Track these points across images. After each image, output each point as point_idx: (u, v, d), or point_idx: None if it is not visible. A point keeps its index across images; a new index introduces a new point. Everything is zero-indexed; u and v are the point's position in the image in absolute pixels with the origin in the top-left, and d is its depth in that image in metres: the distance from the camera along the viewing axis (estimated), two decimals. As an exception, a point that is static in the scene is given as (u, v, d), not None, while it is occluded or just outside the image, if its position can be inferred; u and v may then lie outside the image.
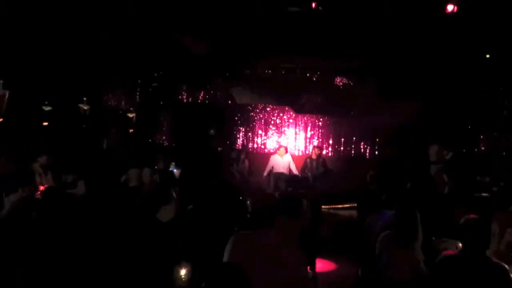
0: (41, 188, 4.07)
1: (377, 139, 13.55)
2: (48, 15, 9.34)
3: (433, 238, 4.25)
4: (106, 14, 9.87)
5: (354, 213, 9.72)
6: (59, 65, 10.70)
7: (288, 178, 10.27)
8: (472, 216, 3.17)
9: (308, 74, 13.75)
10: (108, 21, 10.12)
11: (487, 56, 11.40)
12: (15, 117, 10.04)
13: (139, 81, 13.53)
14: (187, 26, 10.90)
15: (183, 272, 2.75)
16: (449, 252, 3.26)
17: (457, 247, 3.30)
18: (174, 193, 4.46)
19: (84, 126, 12.06)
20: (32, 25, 9.35)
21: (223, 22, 10.66)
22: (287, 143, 13.73)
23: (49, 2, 9.21)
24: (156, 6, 9.98)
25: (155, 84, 13.90)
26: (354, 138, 13.79)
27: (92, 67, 11.29)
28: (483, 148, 12.32)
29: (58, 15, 9.45)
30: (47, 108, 11.68)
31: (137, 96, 13.91)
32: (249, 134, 14.31)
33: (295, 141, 13.92)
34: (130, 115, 13.24)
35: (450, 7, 9.28)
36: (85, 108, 12.07)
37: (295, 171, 10.71)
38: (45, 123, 11.75)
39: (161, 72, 13.61)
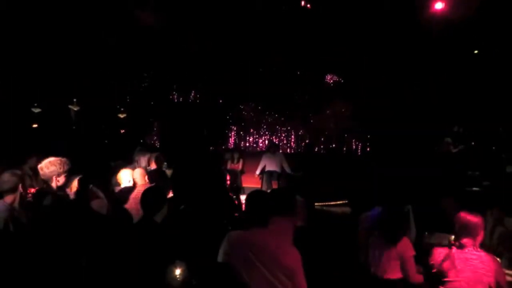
0: (32, 190, 4.02)
1: (368, 136, 13.63)
2: (37, 17, 9.26)
3: (426, 232, 4.28)
4: (97, 15, 9.81)
5: (347, 209, 9.78)
6: (49, 66, 10.60)
7: (281, 177, 10.32)
8: (464, 210, 3.21)
9: (298, 72, 13.79)
10: (98, 22, 10.06)
11: (475, 52, 11.52)
12: (4, 119, 9.94)
13: (130, 81, 13.47)
14: (180, 27, 10.88)
15: (178, 271, 2.74)
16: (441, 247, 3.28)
17: (449, 240, 3.33)
18: (166, 193, 4.45)
19: (74, 127, 11.97)
20: (21, 28, 9.26)
21: (216, 22, 10.66)
22: (279, 141, 13.75)
23: (39, 5, 9.13)
24: (148, 7, 9.95)
25: (145, 84, 13.85)
26: (345, 136, 13.86)
27: (82, 68, 11.21)
28: (473, 143, 12.42)
29: (47, 17, 9.37)
30: (37, 110, 11.58)
31: (128, 97, 13.85)
32: (241, 133, 14.33)
33: (287, 139, 13.96)
34: (121, 116, 13.17)
35: (438, 5, 9.36)
36: (75, 109, 11.98)
37: (287, 169, 10.71)
38: (35, 125, 11.65)
39: (151, 72, 13.57)
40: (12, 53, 9.65)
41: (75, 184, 4.43)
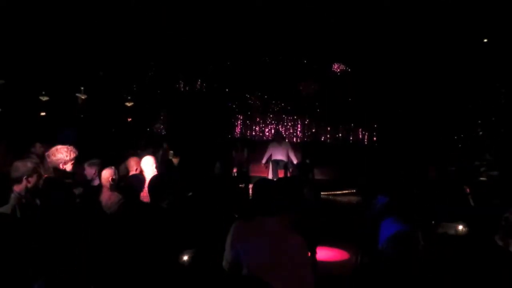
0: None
1: (375, 125, 13.59)
2: (44, 6, 9.26)
3: (433, 222, 4.28)
4: (102, 4, 9.80)
5: (353, 198, 9.81)
6: (56, 55, 10.63)
7: (289, 165, 10.31)
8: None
9: (305, 61, 13.71)
10: (104, 11, 10.04)
11: (485, 40, 11.39)
12: (13, 108, 10.01)
13: (136, 70, 13.47)
14: (185, 16, 10.84)
15: (185, 258, 2.77)
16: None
17: (456, 230, 3.32)
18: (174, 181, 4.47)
19: (81, 115, 12.02)
20: (28, 16, 9.27)
21: (222, 10, 10.60)
22: (285, 130, 13.73)
23: None
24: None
25: (151, 73, 13.85)
26: (352, 125, 13.81)
27: (89, 56, 11.22)
28: (481, 132, 12.36)
29: (54, 6, 9.37)
30: (44, 98, 11.63)
31: (135, 85, 13.87)
32: (247, 122, 14.33)
33: (293, 128, 13.93)
34: (128, 104, 13.19)
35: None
36: (83, 97, 12.01)
37: (293, 158, 10.70)
38: (43, 113, 11.72)
39: (157, 61, 13.56)
40: (21, 42, 9.68)
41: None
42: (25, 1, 8.98)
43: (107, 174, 4.40)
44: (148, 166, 5.09)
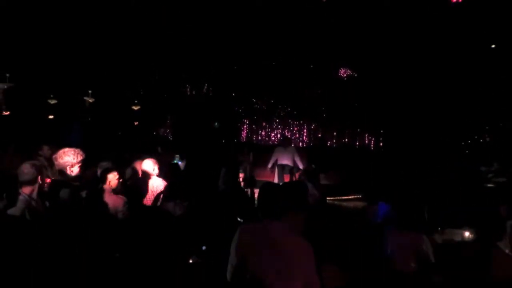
0: (48, 180, 4.06)
1: (382, 131, 13.56)
2: (53, 9, 9.36)
3: (439, 228, 4.26)
4: (111, 9, 9.88)
5: (358, 204, 9.76)
6: (64, 58, 10.72)
7: (295, 170, 10.31)
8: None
9: (311, 66, 13.72)
10: (113, 16, 10.13)
11: (492, 46, 11.34)
12: (21, 110, 10.09)
13: (141, 74, 13.53)
14: (192, 21, 10.89)
15: (190, 262, 2.77)
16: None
17: (462, 237, 3.30)
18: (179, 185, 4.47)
19: (89, 118, 12.09)
20: (37, 19, 9.37)
21: (230, 14, 10.65)
22: (291, 135, 13.73)
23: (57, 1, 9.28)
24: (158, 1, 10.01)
25: (158, 77, 13.92)
26: (358, 130, 13.79)
27: (97, 60, 11.30)
28: (488, 138, 12.29)
29: (62, 9, 9.47)
30: (53, 101, 11.72)
31: (141, 89, 13.94)
32: (253, 126, 14.34)
33: (299, 133, 13.93)
34: (135, 108, 13.24)
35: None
36: (90, 101, 12.08)
37: (299, 162, 10.67)
38: (51, 116, 11.80)
39: (164, 66, 13.62)
40: (30, 46, 9.77)
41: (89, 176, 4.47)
42: (35, 6, 9.08)
43: (107, 178, 4.40)
44: (149, 169, 5.09)
